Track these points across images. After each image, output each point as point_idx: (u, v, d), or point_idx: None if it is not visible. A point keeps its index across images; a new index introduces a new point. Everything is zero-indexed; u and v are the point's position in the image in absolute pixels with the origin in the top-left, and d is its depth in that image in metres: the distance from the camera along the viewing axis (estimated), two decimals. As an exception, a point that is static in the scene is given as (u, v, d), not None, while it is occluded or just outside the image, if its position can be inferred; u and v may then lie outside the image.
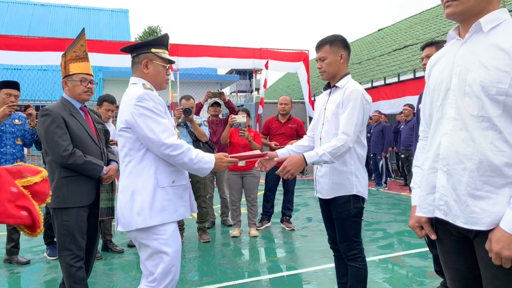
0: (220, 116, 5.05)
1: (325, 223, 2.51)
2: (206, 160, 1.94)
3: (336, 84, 2.32)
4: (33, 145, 3.92)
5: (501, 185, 1.17)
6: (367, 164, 9.44)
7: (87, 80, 2.46)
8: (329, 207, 2.39)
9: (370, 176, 9.50)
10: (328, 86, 2.42)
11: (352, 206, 2.28)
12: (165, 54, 2.06)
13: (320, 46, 2.34)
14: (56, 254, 3.94)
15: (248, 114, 4.35)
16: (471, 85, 1.23)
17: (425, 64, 2.63)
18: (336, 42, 2.31)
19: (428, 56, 2.62)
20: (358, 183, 2.28)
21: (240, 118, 4.06)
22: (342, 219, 2.30)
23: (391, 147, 8.69)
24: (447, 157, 1.28)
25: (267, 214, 5.15)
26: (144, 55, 2.00)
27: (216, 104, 4.95)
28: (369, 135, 8.93)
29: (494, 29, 1.24)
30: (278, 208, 5.64)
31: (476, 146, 1.21)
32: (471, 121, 1.22)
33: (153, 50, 2.00)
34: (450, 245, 1.36)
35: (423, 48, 2.70)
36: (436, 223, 1.39)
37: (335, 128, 2.23)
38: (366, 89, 11.00)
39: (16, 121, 3.78)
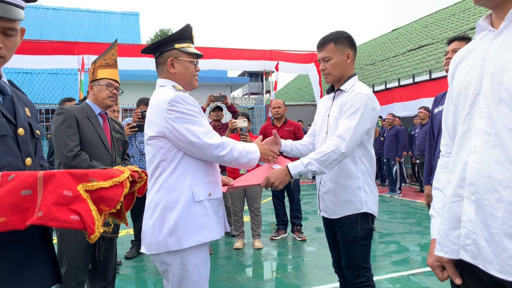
0: (222, 120, 4.82)
1: (330, 245, 2.22)
2: (252, 149, 1.76)
3: (341, 88, 2.04)
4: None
5: None
6: (380, 169, 9.07)
7: (113, 86, 2.42)
8: (334, 227, 2.10)
9: (383, 182, 9.13)
10: (332, 89, 2.14)
11: (360, 227, 1.99)
12: (191, 48, 1.81)
13: (323, 44, 2.05)
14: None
15: (248, 119, 4.10)
16: (508, 89, 0.94)
17: (449, 59, 2.31)
18: (342, 40, 2.02)
19: (455, 51, 2.30)
20: (368, 198, 1.99)
21: (241, 122, 3.80)
22: (349, 241, 2.01)
23: (405, 151, 8.29)
24: (476, 182, 0.99)
25: (282, 223, 4.89)
26: (168, 53, 1.76)
27: (218, 108, 4.73)
28: (382, 139, 8.58)
29: None
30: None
31: None
32: (509, 137, 0.94)
33: (176, 45, 1.76)
34: None
35: (450, 42, 2.36)
36: (461, 263, 1.10)
37: None
38: (380, 91, 10.63)
39: None
